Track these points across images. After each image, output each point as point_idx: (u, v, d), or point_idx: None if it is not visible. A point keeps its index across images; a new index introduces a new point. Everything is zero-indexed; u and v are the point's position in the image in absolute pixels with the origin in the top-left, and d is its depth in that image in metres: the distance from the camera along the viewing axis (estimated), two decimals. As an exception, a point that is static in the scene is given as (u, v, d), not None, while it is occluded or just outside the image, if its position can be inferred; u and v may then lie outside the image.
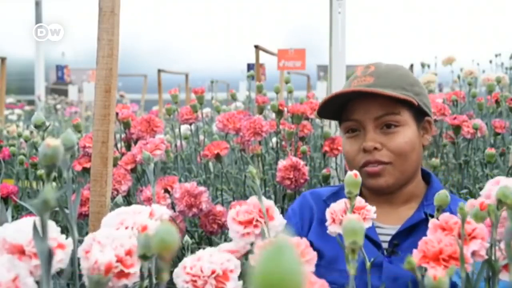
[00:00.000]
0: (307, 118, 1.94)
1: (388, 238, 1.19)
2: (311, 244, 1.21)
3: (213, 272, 0.78)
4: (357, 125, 1.23)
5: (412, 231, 1.18)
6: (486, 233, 0.74)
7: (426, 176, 1.29)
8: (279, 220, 0.87)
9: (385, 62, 1.29)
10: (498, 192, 0.71)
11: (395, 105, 1.19)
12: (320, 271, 1.23)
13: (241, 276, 0.81)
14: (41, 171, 1.84)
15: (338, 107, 1.26)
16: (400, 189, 1.23)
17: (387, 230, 1.21)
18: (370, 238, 1.16)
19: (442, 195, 0.84)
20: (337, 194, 1.24)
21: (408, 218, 1.20)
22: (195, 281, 0.78)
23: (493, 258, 0.74)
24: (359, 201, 0.88)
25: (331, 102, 1.24)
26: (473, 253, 0.73)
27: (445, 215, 0.79)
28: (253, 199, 0.88)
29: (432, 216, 0.84)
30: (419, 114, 1.24)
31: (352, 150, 1.23)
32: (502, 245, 0.74)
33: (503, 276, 0.74)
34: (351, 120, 1.23)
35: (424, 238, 0.76)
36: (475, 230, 0.74)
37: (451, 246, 0.72)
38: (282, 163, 1.62)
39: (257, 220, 0.86)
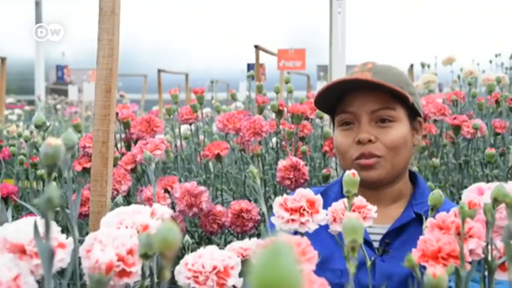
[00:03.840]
0: (307, 118, 1.94)
1: (378, 237, 1.21)
2: None
3: (214, 268, 0.79)
4: (352, 118, 1.24)
5: (402, 230, 1.20)
6: (482, 232, 0.74)
7: (412, 177, 1.31)
8: (322, 215, 0.88)
9: (385, 62, 1.31)
10: (495, 191, 0.71)
11: (391, 100, 1.22)
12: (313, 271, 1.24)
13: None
14: (41, 171, 1.84)
15: (334, 99, 1.27)
16: (389, 186, 1.25)
17: (377, 229, 1.22)
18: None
19: (436, 194, 0.86)
20: (324, 194, 1.22)
21: (398, 217, 1.22)
22: (197, 277, 0.78)
23: (489, 256, 0.74)
24: (360, 200, 0.89)
25: (329, 92, 1.25)
26: (470, 252, 0.73)
27: (442, 214, 0.79)
28: (301, 190, 0.89)
29: (421, 216, 0.84)
30: (412, 113, 1.27)
31: (345, 142, 1.24)
32: (499, 243, 0.75)
33: (499, 276, 0.74)
34: (347, 113, 1.25)
35: (422, 237, 0.77)
36: (471, 229, 0.74)
37: (450, 245, 0.73)
38: (282, 163, 1.63)
39: (304, 209, 0.87)
